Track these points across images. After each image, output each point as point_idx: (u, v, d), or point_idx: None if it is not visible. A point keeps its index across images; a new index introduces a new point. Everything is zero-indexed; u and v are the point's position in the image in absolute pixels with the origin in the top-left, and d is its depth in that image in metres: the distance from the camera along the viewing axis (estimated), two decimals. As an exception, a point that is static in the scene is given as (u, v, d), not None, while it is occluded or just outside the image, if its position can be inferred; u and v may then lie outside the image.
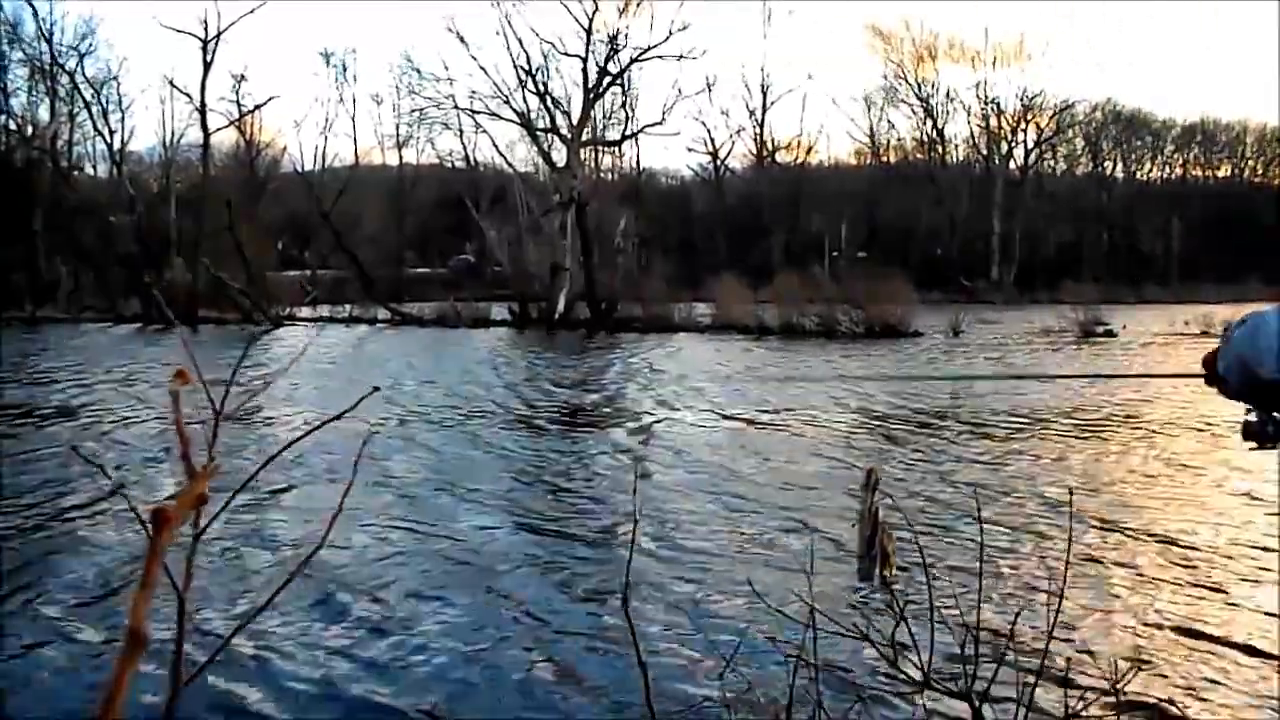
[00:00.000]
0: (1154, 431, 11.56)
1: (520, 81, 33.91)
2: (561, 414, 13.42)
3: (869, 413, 12.95)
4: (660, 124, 36.04)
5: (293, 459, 8.80)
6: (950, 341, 25.74)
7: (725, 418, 12.66)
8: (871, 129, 56.04)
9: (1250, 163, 58.19)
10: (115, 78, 40.67)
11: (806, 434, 11.41)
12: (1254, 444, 1.55)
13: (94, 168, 42.18)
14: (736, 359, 21.54)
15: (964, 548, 6.15)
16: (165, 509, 0.55)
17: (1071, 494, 5.13)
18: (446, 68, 43.03)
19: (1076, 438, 11.13)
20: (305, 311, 35.40)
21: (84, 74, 39.05)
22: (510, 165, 36.95)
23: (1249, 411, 1.55)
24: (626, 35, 34.23)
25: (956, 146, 55.91)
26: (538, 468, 9.62)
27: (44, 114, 38.49)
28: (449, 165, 42.30)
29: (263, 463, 1.29)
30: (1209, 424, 11.19)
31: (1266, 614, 5.26)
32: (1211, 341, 1.60)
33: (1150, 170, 58.35)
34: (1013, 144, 54.88)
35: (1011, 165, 54.83)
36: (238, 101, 39.10)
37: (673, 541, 6.72)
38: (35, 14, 44.79)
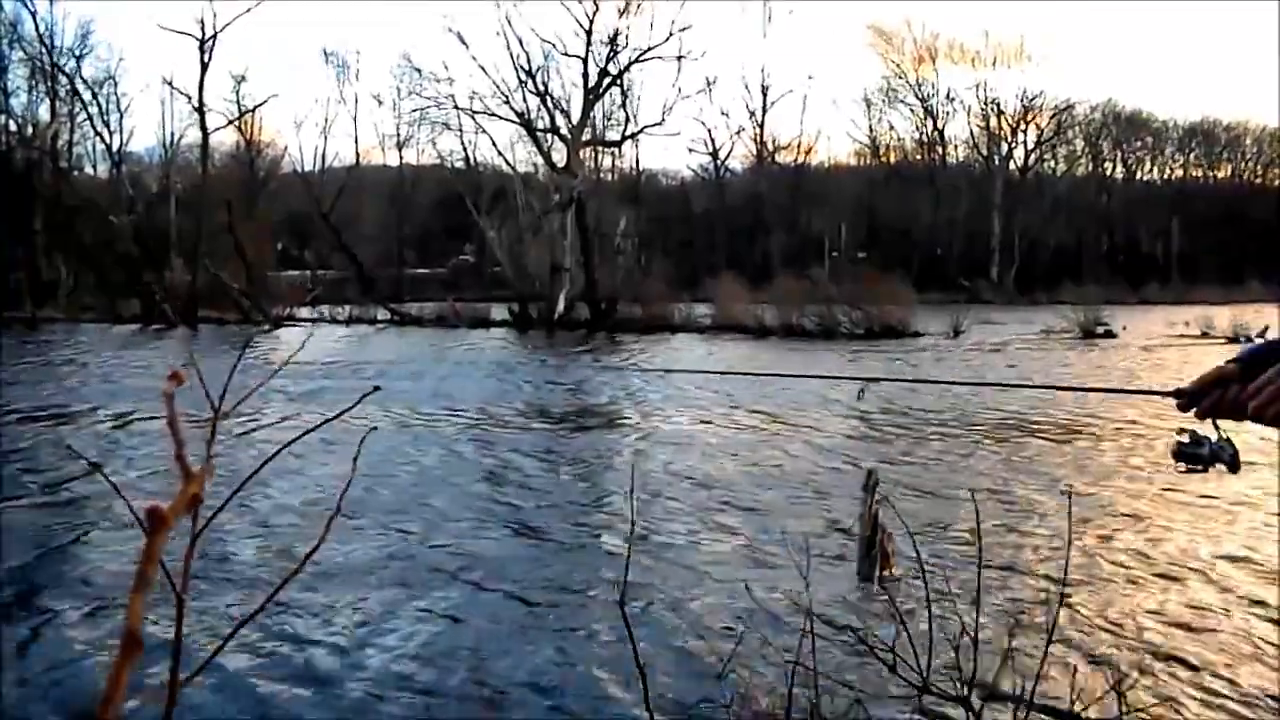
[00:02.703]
0: (1153, 433, 11.54)
1: (520, 82, 33.92)
2: (560, 415, 13.41)
3: (867, 414, 12.95)
4: (660, 124, 36.04)
5: (290, 459, 8.80)
6: (951, 342, 25.74)
7: (723, 418, 12.65)
8: (871, 129, 56.13)
9: (1250, 163, 58.22)
10: (114, 78, 40.74)
11: (805, 435, 11.40)
12: (1186, 466, 1.50)
13: (94, 168, 42.28)
14: (735, 359, 21.52)
15: (963, 550, 6.15)
16: (160, 509, 0.54)
17: (1070, 497, 5.12)
18: (446, 68, 42.85)
19: (1075, 440, 11.12)
20: (305, 312, 35.39)
21: (83, 75, 39.15)
22: (510, 165, 36.98)
23: (1181, 433, 1.50)
24: (626, 36, 34.21)
25: (956, 147, 56.00)
26: (535, 469, 9.61)
27: (44, 114, 38.55)
28: (449, 165, 42.26)
29: (260, 464, 1.29)
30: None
31: (1266, 616, 5.26)
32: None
33: (1150, 171, 58.40)
34: (1013, 144, 54.94)
35: (1011, 166, 54.87)
36: (238, 101, 39.18)
37: (671, 544, 6.71)
38: (34, 15, 44.77)
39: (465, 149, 39.76)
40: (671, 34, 33.68)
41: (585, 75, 34.25)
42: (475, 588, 5.84)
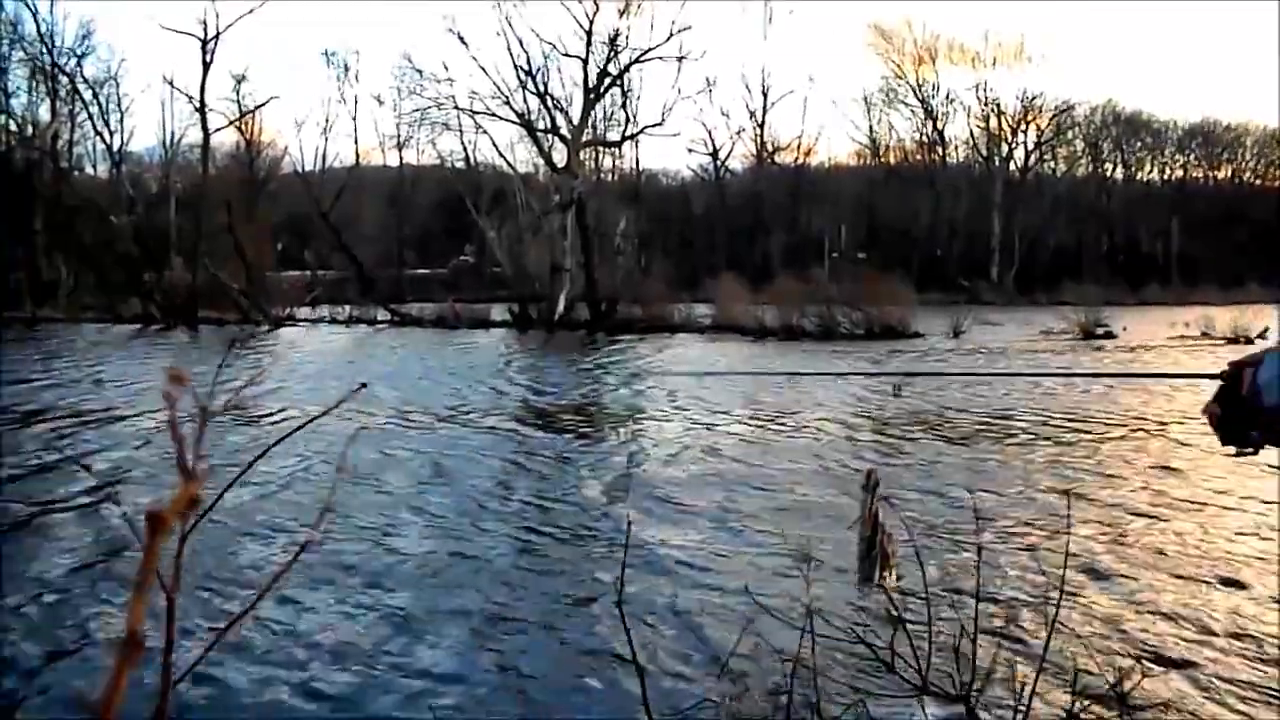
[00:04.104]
0: (1152, 433, 11.53)
1: (520, 82, 33.94)
2: (558, 415, 13.40)
3: (867, 414, 12.94)
4: (660, 125, 36.14)
5: (283, 458, 8.79)
6: (952, 343, 25.73)
7: (722, 418, 12.64)
8: (871, 130, 56.16)
9: (1250, 164, 58.23)
10: (114, 78, 40.78)
11: (804, 435, 11.39)
12: (1236, 449, 1.47)
13: (94, 168, 42.34)
14: (735, 360, 21.51)
15: (962, 550, 6.13)
16: (160, 511, 0.54)
17: (1069, 497, 5.12)
18: (447, 68, 42.97)
19: (1074, 440, 11.11)
20: (305, 312, 35.39)
21: (83, 75, 39.19)
22: (510, 166, 36.99)
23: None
24: (626, 36, 34.23)
25: (956, 147, 56.01)
26: (534, 470, 9.60)
27: (44, 114, 38.60)
28: (449, 166, 42.30)
29: (247, 464, 1.28)
30: (1203, 426, 11.14)
31: (1266, 615, 5.24)
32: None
33: (1150, 171, 58.42)
34: (1013, 145, 54.97)
35: (1011, 166, 54.90)
36: (238, 102, 39.17)
37: (669, 544, 6.69)
38: (35, 15, 44.80)
39: (465, 149, 39.87)
40: (671, 34, 33.77)
41: (585, 75, 34.30)
42: (471, 587, 5.83)
